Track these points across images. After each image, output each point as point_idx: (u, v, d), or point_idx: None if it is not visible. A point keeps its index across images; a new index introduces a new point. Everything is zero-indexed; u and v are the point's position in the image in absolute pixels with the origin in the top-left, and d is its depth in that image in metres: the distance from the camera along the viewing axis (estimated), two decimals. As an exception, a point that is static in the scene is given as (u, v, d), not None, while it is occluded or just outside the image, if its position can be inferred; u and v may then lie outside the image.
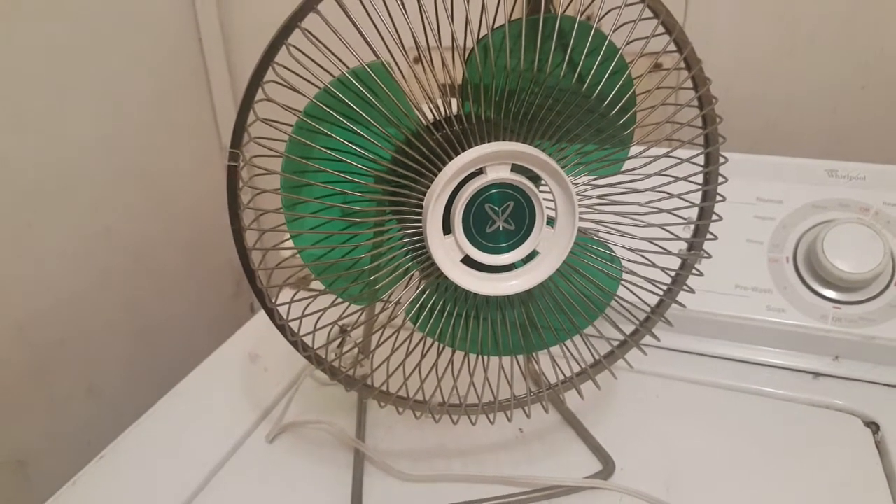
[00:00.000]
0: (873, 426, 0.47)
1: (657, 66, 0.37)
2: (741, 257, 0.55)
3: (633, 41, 0.34)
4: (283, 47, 0.32)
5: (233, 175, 0.34)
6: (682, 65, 0.35)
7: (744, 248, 0.55)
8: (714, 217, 0.39)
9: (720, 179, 0.38)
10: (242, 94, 0.33)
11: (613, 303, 0.40)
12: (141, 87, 0.75)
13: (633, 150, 0.37)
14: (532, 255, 0.36)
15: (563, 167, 0.34)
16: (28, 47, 0.62)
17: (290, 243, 0.37)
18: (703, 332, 0.55)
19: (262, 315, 0.64)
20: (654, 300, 0.41)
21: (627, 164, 0.38)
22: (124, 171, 0.73)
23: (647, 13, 0.34)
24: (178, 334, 0.83)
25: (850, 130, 0.67)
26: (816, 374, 0.53)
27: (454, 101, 0.35)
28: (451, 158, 0.33)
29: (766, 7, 0.65)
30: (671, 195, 0.37)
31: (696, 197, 0.39)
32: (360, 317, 0.38)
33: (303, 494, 0.44)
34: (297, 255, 0.37)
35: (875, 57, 0.64)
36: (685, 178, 0.37)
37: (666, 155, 0.36)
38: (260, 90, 0.32)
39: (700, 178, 0.39)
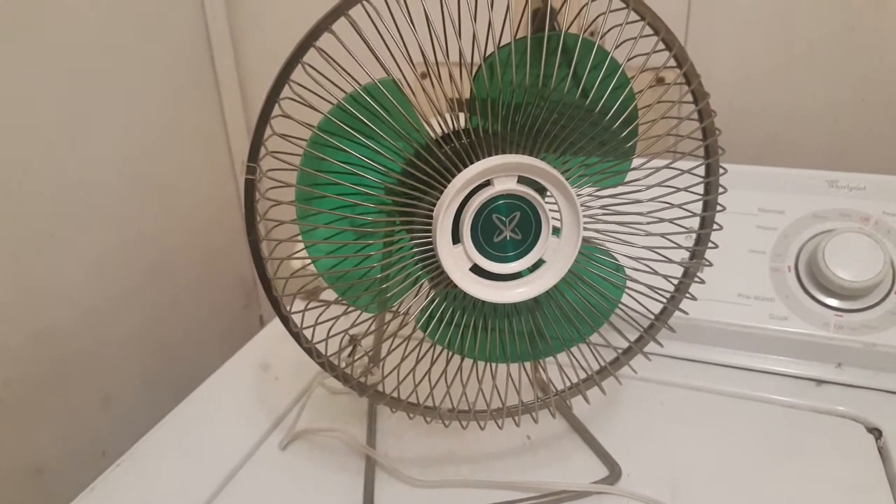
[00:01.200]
0: (876, 432, 0.48)
1: (659, 81, 0.38)
2: (744, 267, 0.55)
3: (634, 57, 0.35)
4: (299, 65, 0.33)
5: (250, 188, 0.35)
6: (682, 79, 0.37)
7: (746, 258, 0.56)
8: (715, 226, 0.40)
9: (720, 190, 0.40)
10: (254, 110, 0.34)
11: (618, 310, 0.41)
12: (155, 103, 0.77)
13: (636, 161, 0.38)
14: (538, 264, 0.37)
15: (567, 178, 0.35)
16: (47, 63, 0.63)
17: (303, 253, 0.38)
18: (707, 340, 0.56)
19: (271, 326, 0.65)
20: (657, 307, 0.42)
21: (630, 176, 0.39)
22: (139, 186, 0.75)
23: (648, 30, 0.35)
24: (190, 345, 0.84)
25: (851, 142, 0.68)
26: (819, 382, 0.53)
27: (462, 116, 0.36)
28: (459, 171, 0.35)
29: (765, 22, 0.66)
30: (673, 205, 0.38)
31: (698, 207, 0.40)
32: (371, 325, 0.40)
33: (315, 500, 0.45)
34: (311, 265, 0.38)
35: (874, 69, 0.65)
36: (686, 189, 0.38)
37: (667, 166, 0.37)
38: (276, 106, 0.34)
39: (701, 189, 0.40)
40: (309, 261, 0.37)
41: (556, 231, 0.37)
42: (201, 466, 0.48)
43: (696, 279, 0.41)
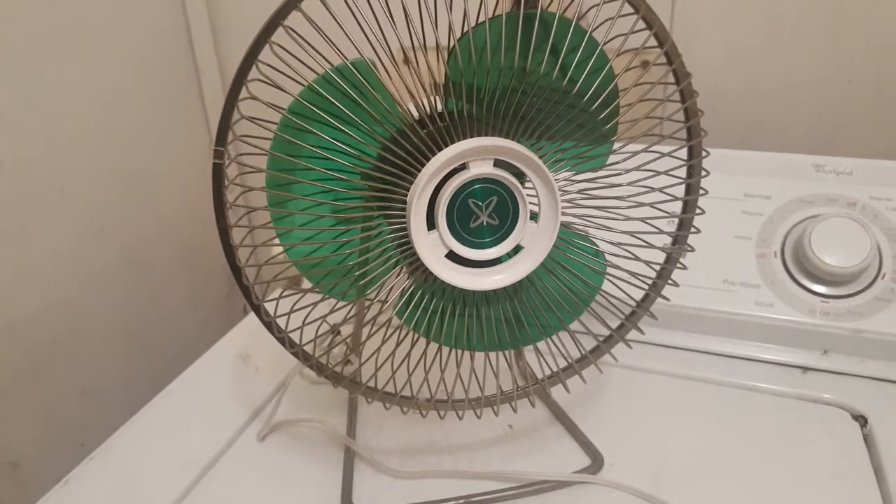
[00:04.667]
0: (861, 419, 0.48)
1: (644, 64, 0.37)
2: (729, 253, 0.55)
3: (614, 38, 0.34)
4: (268, 45, 0.32)
5: (218, 173, 0.34)
6: (664, 59, 0.36)
7: (732, 244, 0.55)
8: (698, 211, 0.40)
9: (703, 173, 0.39)
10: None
11: (599, 297, 0.40)
12: (131, 87, 0.75)
13: (616, 145, 0.37)
14: (517, 250, 0.36)
15: (545, 162, 0.34)
16: (17, 48, 0.62)
17: (277, 241, 0.37)
18: (692, 327, 0.55)
19: (252, 316, 0.64)
20: (639, 294, 0.42)
21: (611, 159, 0.38)
22: (116, 172, 0.73)
23: (629, 9, 0.34)
24: (172, 334, 0.83)
25: (838, 125, 0.67)
26: (805, 369, 0.53)
27: (438, 99, 0.35)
28: (434, 154, 0.33)
29: (752, 2, 0.65)
30: (654, 189, 0.37)
31: (680, 191, 0.40)
32: (348, 313, 0.39)
33: (293, 492, 0.44)
34: (285, 253, 0.37)
35: (862, 51, 0.64)
36: (666, 172, 0.37)
37: (646, 150, 0.36)
38: (244, 89, 0.33)
39: (684, 173, 0.39)
40: (281, 249, 0.36)
41: (535, 216, 0.36)
42: (177, 459, 0.47)
43: (678, 265, 0.41)
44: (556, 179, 0.34)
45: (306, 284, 0.38)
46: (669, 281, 0.41)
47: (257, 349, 0.59)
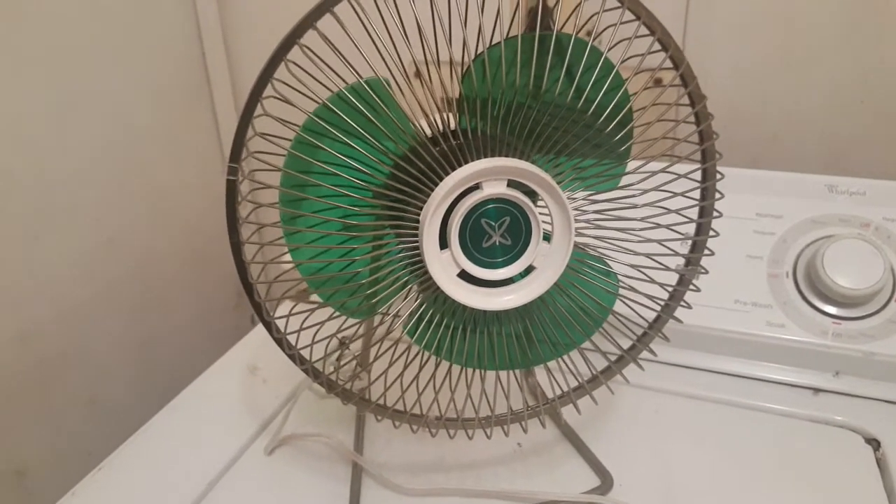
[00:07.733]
0: (874, 443, 0.47)
1: (657, 82, 0.37)
2: (741, 272, 0.54)
3: (630, 58, 0.34)
4: (283, 63, 0.32)
5: (231, 189, 0.34)
6: (679, 81, 0.36)
7: (743, 264, 0.55)
8: (711, 233, 0.39)
9: (717, 195, 0.38)
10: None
11: (611, 318, 0.40)
12: (145, 101, 0.75)
13: (630, 165, 0.37)
14: (529, 270, 0.36)
15: (559, 182, 0.34)
16: (33, 62, 0.62)
17: (288, 256, 0.37)
18: (703, 347, 0.55)
19: (261, 328, 0.63)
20: (651, 315, 0.41)
21: (624, 180, 0.38)
22: (128, 185, 0.74)
23: (644, 31, 0.34)
24: (180, 346, 0.83)
25: (850, 145, 0.67)
26: (817, 390, 0.52)
27: (452, 117, 0.35)
28: (447, 174, 0.33)
29: (764, 22, 0.65)
30: (668, 211, 0.37)
31: (694, 213, 0.39)
32: (358, 330, 0.39)
33: (300, 508, 0.44)
34: (296, 269, 0.37)
35: (874, 71, 0.64)
36: (682, 194, 0.37)
37: (662, 171, 0.36)
38: (259, 106, 0.33)
39: (697, 194, 0.39)
40: (293, 264, 0.36)
41: (548, 236, 0.36)
42: (184, 471, 0.47)
43: (691, 287, 0.40)
44: (571, 199, 0.34)
45: (317, 298, 0.38)
46: (682, 303, 0.40)
47: (265, 361, 0.59)
